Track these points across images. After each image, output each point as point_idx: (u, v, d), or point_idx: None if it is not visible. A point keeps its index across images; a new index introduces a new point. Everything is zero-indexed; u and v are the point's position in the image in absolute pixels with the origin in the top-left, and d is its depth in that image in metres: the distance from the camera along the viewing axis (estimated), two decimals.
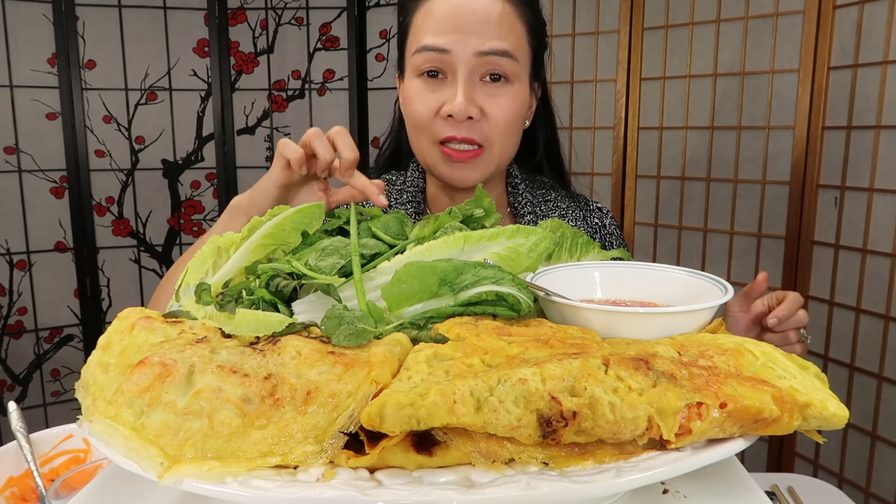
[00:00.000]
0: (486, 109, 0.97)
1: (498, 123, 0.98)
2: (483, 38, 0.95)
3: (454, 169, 1.01)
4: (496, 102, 0.98)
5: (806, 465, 1.89)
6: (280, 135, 2.53)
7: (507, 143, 1.02)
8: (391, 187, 1.15)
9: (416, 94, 1.00)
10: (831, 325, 1.79)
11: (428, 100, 0.98)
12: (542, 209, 1.11)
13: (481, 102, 0.97)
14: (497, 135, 0.99)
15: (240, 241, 0.71)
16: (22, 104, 2.26)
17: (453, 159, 0.99)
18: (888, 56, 1.60)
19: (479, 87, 0.98)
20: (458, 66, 0.96)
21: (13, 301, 2.33)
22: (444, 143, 0.99)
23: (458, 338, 0.57)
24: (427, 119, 0.99)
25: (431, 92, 0.98)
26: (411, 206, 1.09)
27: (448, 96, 0.97)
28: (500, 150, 1.01)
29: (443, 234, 0.72)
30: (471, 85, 0.97)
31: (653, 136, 2.10)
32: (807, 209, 1.80)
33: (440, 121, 0.98)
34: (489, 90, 0.98)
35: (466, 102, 0.95)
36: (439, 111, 0.98)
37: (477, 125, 0.98)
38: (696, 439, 0.49)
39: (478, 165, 1.01)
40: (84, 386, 0.57)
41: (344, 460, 0.48)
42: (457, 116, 0.96)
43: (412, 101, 1.00)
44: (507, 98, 0.98)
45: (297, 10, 2.47)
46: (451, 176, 1.02)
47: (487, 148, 1.00)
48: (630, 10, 2.06)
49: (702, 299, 0.64)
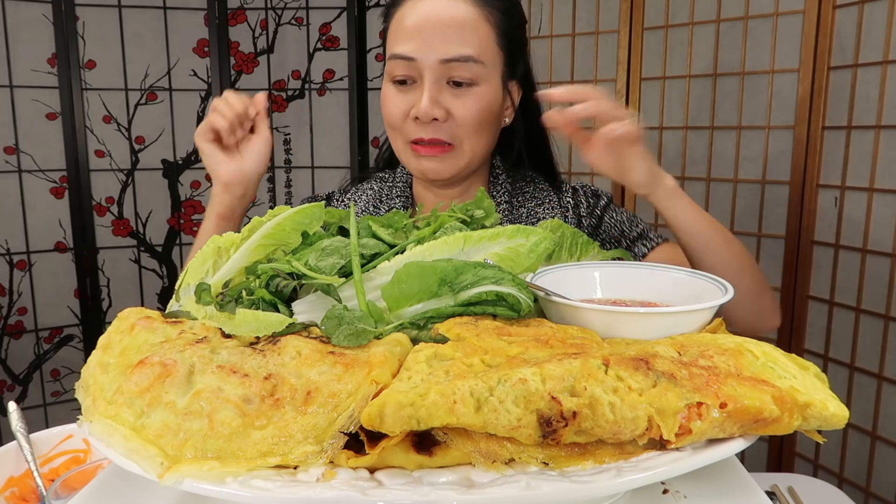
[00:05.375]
0: (452, 110, 1.01)
1: (465, 123, 1.02)
2: (446, 45, 0.99)
3: (424, 163, 1.05)
4: (461, 103, 1.02)
5: (806, 465, 1.89)
6: (280, 135, 2.53)
7: (478, 141, 1.06)
8: (382, 185, 1.19)
9: (389, 97, 1.05)
10: (831, 325, 1.79)
11: (399, 102, 1.04)
12: (518, 199, 1.15)
13: (447, 104, 1.01)
14: (465, 133, 1.03)
15: (240, 241, 0.71)
16: (22, 104, 2.26)
17: (422, 154, 1.05)
18: (888, 56, 1.60)
19: (446, 90, 1.02)
20: (424, 72, 1.00)
21: (13, 301, 2.33)
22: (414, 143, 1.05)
23: (458, 338, 0.57)
24: (399, 121, 1.04)
25: (402, 94, 1.04)
26: (399, 201, 1.14)
27: (416, 99, 1.01)
28: (470, 147, 1.05)
29: (443, 234, 0.72)
30: (437, 88, 1.01)
31: (653, 136, 2.10)
32: (807, 209, 1.80)
33: (410, 122, 1.03)
34: (455, 92, 1.02)
35: (431, 105, 0.99)
36: (409, 113, 1.03)
37: (444, 126, 1.02)
38: (696, 439, 0.49)
39: (445, 160, 1.05)
40: (84, 386, 0.57)
41: (344, 460, 0.48)
42: (422, 118, 1.00)
43: (386, 105, 1.06)
44: (472, 99, 1.02)
45: (297, 10, 2.47)
46: (422, 170, 1.06)
47: (457, 146, 1.04)
48: (630, 10, 2.06)
49: (702, 299, 0.64)
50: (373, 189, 1.19)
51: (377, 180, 1.20)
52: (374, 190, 1.19)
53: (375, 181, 1.20)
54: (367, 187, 1.20)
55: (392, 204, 1.14)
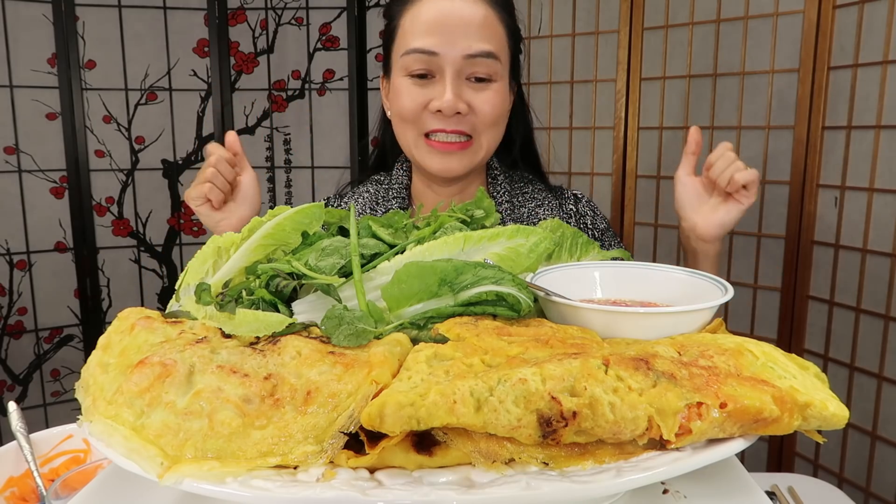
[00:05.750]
0: (474, 104, 1.03)
1: (486, 116, 1.04)
2: (469, 41, 1.01)
3: (440, 160, 1.06)
4: (483, 97, 1.04)
5: (806, 465, 1.89)
6: (280, 135, 2.53)
7: (493, 136, 1.08)
8: (378, 187, 1.19)
9: (405, 88, 1.05)
10: (831, 325, 1.79)
11: (416, 94, 1.04)
12: (519, 199, 1.16)
13: (468, 98, 1.03)
14: (485, 126, 1.05)
15: (240, 241, 0.71)
16: (22, 104, 2.26)
17: (440, 151, 1.05)
18: (888, 56, 1.60)
19: (466, 85, 1.04)
20: (445, 67, 1.01)
21: (13, 301, 2.33)
22: (429, 136, 1.05)
23: (458, 338, 0.57)
24: (415, 112, 1.05)
25: (420, 88, 1.04)
26: (396, 202, 1.15)
27: (437, 93, 1.02)
28: (486, 142, 1.07)
29: (443, 234, 0.72)
30: (458, 83, 1.03)
31: (653, 136, 2.10)
32: (807, 209, 1.80)
33: (428, 114, 1.04)
34: (475, 87, 1.04)
35: (455, 99, 1.01)
36: (427, 106, 1.03)
37: (465, 119, 1.04)
38: (696, 439, 0.49)
39: (464, 157, 1.06)
40: (84, 386, 0.57)
41: (344, 460, 0.48)
42: (446, 112, 1.01)
43: (400, 96, 1.05)
44: (492, 93, 1.04)
45: (297, 10, 2.47)
46: (436, 167, 1.06)
47: (476, 139, 1.06)
48: (630, 10, 2.06)
49: (702, 299, 0.64)
50: (369, 192, 1.19)
51: (373, 183, 1.21)
52: (370, 193, 1.19)
53: (371, 184, 1.21)
54: (364, 190, 1.20)
55: (389, 206, 1.14)
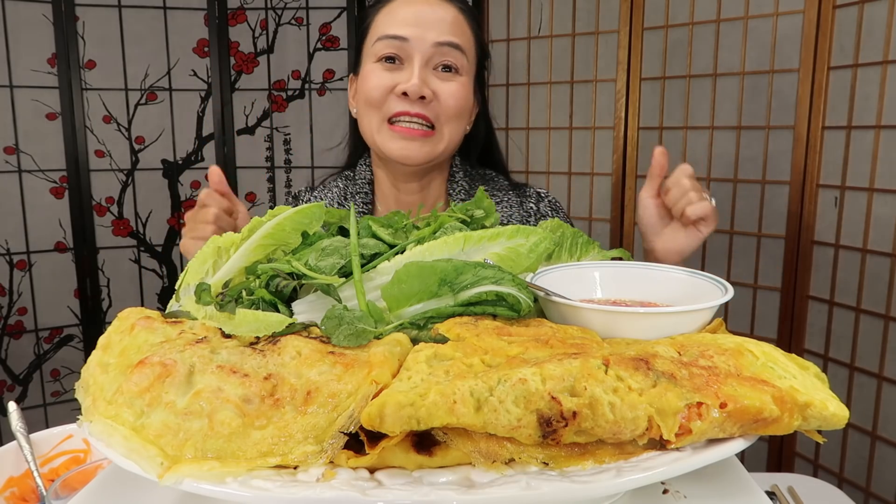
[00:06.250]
0: (438, 92, 1.06)
1: (449, 106, 1.07)
2: (440, 32, 1.06)
3: (400, 146, 1.07)
4: (448, 88, 1.07)
5: (806, 465, 1.89)
6: (280, 135, 2.53)
7: (454, 129, 1.11)
8: (348, 182, 1.21)
9: (372, 74, 1.08)
10: (831, 325, 1.79)
11: (384, 78, 1.07)
12: None
13: (434, 86, 1.06)
14: (447, 118, 1.08)
15: (240, 241, 0.71)
16: (22, 104, 2.26)
17: (401, 135, 1.07)
18: (888, 56, 1.60)
19: (433, 74, 1.07)
20: (414, 53, 1.05)
21: (13, 301, 2.33)
22: (392, 123, 1.07)
23: (458, 338, 0.57)
24: (381, 95, 1.07)
25: (388, 72, 1.07)
26: (359, 197, 1.17)
27: (404, 78, 1.05)
28: (448, 133, 1.09)
29: (443, 234, 0.72)
30: (426, 71, 1.06)
31: (653, 136, 2.10)
32: (807, 209, 1.80)
33: (394, 98, 1.06)
34: (442, 76, 1.07)
35: (421, 83, 1.04)
36: (394, 89, 1.06)
37: (429, 105, 1.06)
38: (696, 439, 0.49)
39: (425, 145, 1.08)
40: (84, 386, 0.57)
41: (344, 460, 0.48)
42: (411, 94, 1.04)
43: (368, 80, 1.08)
44: (457, 85, 1.08)
45: (297, 10, 2.47)
46: (396, 153, 1.08)
47: (438, 129, 1.08)
48: (630, 10, 2.06)
49: (702, 299, 0.64)
50: (338, 187, 1.21)
51: (342, 178, 1.23)
52: (339, 188, 1.21)
53: (341, 178, 1.23)
54: (333, 185, 1.22)
55: (355, 200, 1.17)
